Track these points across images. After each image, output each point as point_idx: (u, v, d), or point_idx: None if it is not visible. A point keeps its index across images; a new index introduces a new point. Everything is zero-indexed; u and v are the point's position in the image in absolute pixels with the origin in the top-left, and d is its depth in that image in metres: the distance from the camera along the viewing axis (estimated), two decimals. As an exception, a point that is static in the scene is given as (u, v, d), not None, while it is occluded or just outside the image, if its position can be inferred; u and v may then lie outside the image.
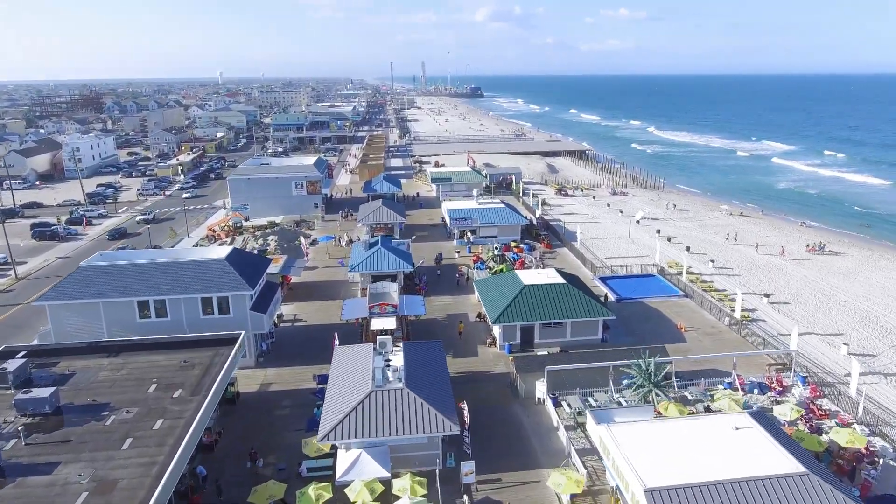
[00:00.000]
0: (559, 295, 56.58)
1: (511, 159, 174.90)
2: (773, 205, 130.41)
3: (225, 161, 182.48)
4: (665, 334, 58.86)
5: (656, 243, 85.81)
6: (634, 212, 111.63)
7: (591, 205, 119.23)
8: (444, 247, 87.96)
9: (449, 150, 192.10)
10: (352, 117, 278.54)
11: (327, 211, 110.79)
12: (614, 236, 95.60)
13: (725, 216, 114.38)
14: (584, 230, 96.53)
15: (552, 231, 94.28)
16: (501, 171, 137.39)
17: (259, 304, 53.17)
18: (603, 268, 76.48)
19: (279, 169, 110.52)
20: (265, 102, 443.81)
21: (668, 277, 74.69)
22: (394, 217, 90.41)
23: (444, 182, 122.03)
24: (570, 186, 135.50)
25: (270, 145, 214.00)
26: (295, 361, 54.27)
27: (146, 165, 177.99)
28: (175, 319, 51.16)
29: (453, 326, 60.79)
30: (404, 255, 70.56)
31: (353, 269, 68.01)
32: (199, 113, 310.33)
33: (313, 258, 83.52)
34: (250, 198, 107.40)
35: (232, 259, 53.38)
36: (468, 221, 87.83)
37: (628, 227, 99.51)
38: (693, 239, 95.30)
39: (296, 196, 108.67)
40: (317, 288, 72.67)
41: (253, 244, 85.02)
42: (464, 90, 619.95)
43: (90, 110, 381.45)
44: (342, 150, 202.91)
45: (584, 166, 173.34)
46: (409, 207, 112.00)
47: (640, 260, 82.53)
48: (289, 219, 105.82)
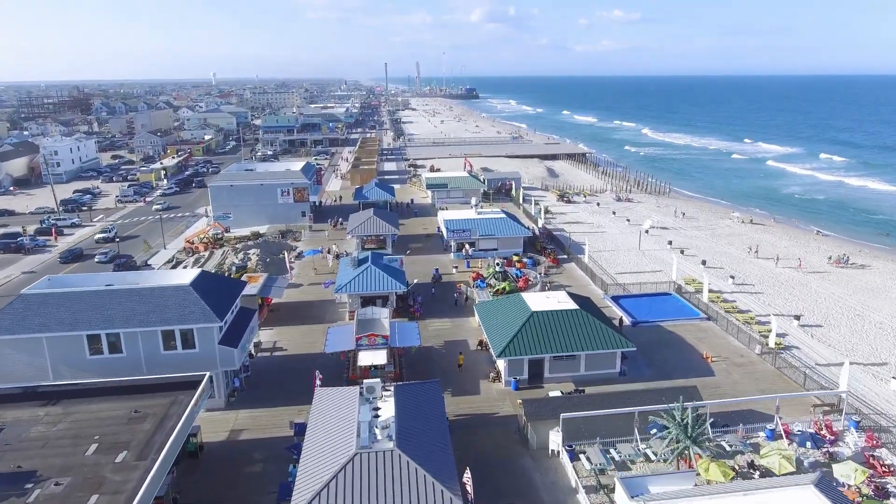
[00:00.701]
0: (572, 323, 50.01)
1: (509, 163, 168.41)
2: (782, 211, 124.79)
3: (211, 165, 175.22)
4: (690, 365, 52.36)
5: (672, 258, 79.43)
6: (642, 220, 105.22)
7: (596, 212, 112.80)
8: (440, 260, 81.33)
9: (444, 153, 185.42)
10: (344, 119, 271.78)
11: (316, 219, 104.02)
12: (623, 248, 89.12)
13: (737, 224, 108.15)
14: (590, 242, 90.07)
15: (556, 243, 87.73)
16: (500, 176, 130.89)
17: (230, 337, 46.37)
18: (615, 286, 69.92)
19: (264, 175, 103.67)
20: (257, 104, 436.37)
21: (685, 296, 68.25)
22: (386, 228, 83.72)
23: (440, 188, 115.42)
24: (572, 192, 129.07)
25: (260, 148, 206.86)
26: (272, 401, 47.50)
27: (129, 169, 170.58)
28: (131, 356, 44.34)
29: (452, 356, 54.15)
30: (397, 274, 63.88)
31: (341, 291, 61.29)
32: (188, 114, 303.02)
33: (298, 274, 76.71)
34: (233, 206, 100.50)
35: (198, 285, 46.56)
36: (466, 233, 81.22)
37: (638, 237, 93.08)
38: (707, 250, 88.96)
39: (282, 204, 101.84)
40: (301, 309, 65.86)
41: (233, 259, 78.15)
42: (459, 91, 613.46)
43: (77, 112, 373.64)
44: (334, 153, 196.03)
45: (584, 170, 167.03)
46: (403, 216, 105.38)
47: (653, 276, 76.03)
48: (274, 228, 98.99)
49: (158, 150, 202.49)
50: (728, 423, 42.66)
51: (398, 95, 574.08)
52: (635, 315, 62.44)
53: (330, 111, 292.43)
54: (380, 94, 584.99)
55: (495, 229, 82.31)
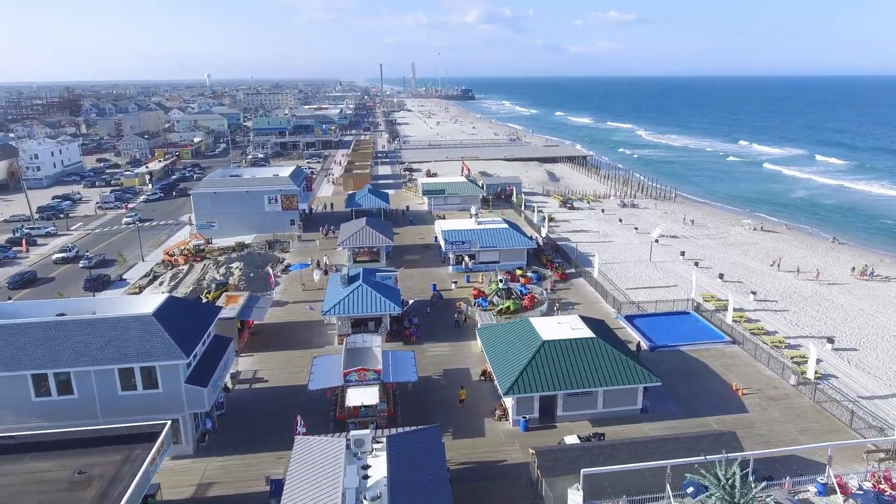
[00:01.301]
0: (588, 353, 44.33)
1: (508, 166, 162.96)
2: (791, 217, 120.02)
3: (199, 169, 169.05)
4: (719, 400, 46.73)
5: (685, 270, 74.06)
6: (651, 228, 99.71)
7: (601, 219, 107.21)
8: (438, 274, 75.59)
9: (441, 156, 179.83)
10: (338, 121, 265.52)
11: (306, 228, 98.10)
12: (633, 259, 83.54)
13: (749, 232, 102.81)
14: (598, 253, 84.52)
15: (562, 255, 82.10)
16: (500, 181, 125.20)
17: (200, 373, 40.50)
18: (628, 304, 64.26)
19: (250, 181, 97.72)
20: (250, 105, 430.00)
21: (704, 315, 62.69)
22: (380, 239, 77.91)
23: (437, 195, 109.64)
24: (575, 198, 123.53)
25: (251, 151, 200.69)
26: (248, 445, 41.65)
27: (114, 174, 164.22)
28: (84, 398, 38.46)
29: (452, 388, 48.43)
30: (391, 293, 58.12)
31: (328, 313, 55.48)
32: (178, 116, 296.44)
33: (284, 290, 70.84)
34: (217, 214, 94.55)
35: (163, 314, 40.66)
36: (466, 245, 75.49)
37: (648, 248, 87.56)
38: (722, 262, 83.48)
39: (269, 212, 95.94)
40: (285, 332, 59.97)
41: (213, 274, 72.19)
42: (454, 92, 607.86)
43: (66, 113, 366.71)
44: (327, 156, 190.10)
45: (586, 174, 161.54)
46: (398, 224, 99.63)
47: (668, 292, 70.49)
48: (261, 238, 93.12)
49: (145, 153, 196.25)
50: (771, 473, 37.04)
51: (393, 96, 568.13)
52: (653, 338, 56.90)
53: (323, 113, 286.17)
54: (375, 95, 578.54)
55: (497, 240, 76.61)
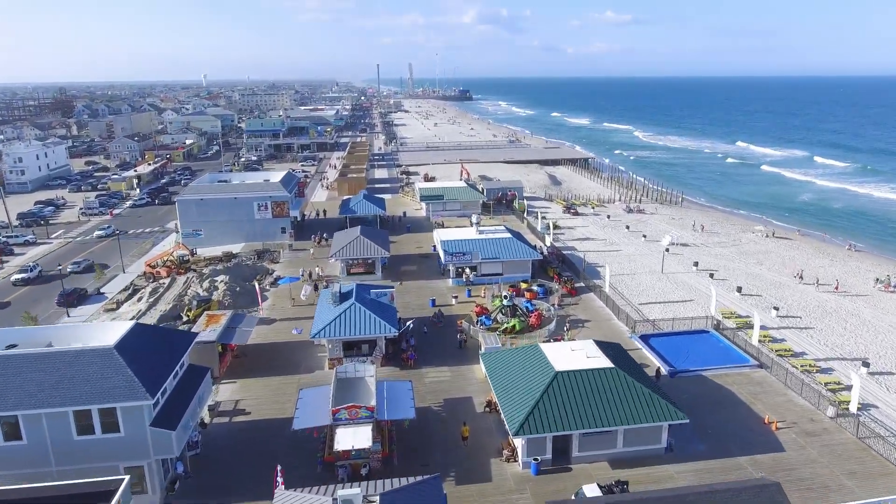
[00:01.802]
0: (607, 387, 39.65)
1: (508, 169, 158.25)
2: (800, 221, 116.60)
3: (188, 173, 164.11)
4: (751, 436, 42.06)
5: (704, 284, 69.45)
6: (660, 236, 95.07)
7: (607, 226, 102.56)
8: (437, 288, 70.89)
9: (439, 159, 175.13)
10: (334, 122, 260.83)
11: (298, 236, 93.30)
12: (644, 270, 78.90)
13: (761, 239, 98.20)
14: (606, 263, 79.96)
15: (569, 266, 77.40)
16: (500, 185, 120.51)
17: (169, 413, 35.71)
18: (644, 322, 59.58)
19: (239, 187, 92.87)
20: (245, 106, 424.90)
21: (724, 333, 58.07)
22: (375, 250, 73.15)
23: (436, 200, 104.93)
24: (578, 202, 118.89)
25: (244, 153, 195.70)
26: (224, 493, 36.87)
27: (103, 177, 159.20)
28: (35, 444, 33.71)
29: (453, 421, 43.73)
30: (386, 313, 53.38)
31: (318, 336, 50.71)
32: (171, 117, 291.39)
33: (272, 306, 66.03)
34: (204, 222, 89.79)
35: (127, 346, 35.88)
36: (466, 257, 70.77)
37: (659, 257, 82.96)
38: (737, 273, 78.91)
39: (259, 219, 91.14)
40: (272, 353, 55.19)
41: (197, 288, 67.36)
42: (452, 93, 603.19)
43: (58, 114, 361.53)
44: (322, 158, 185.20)
45: (588, 177, 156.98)
46: (395, 231, 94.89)
47: (683, 308, 65.83)
48: (250, 247, 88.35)
49: (136, 156, 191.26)
50: (820, 529, 32.44)
51: (390, 97, 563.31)
52: (672, 361, 52.25)
53: (319, 114, 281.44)
54: (372, 96, 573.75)
55: (500, 251, 71.90)
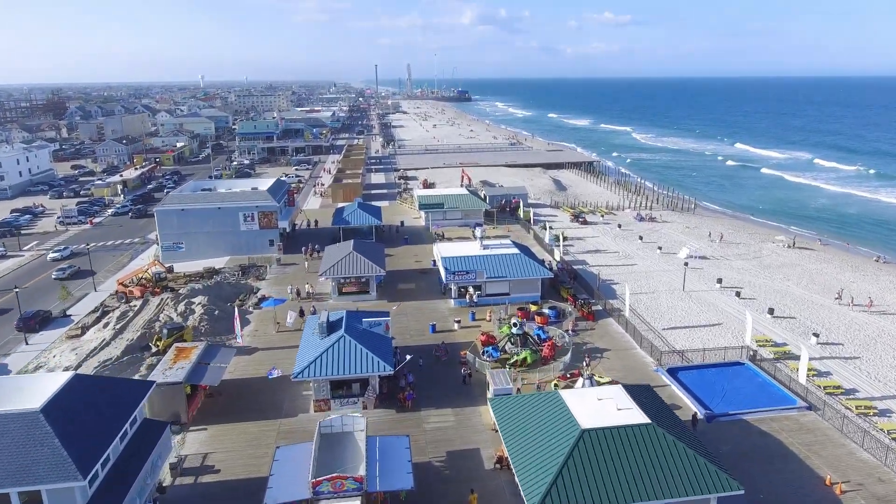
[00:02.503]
0: (645, 449, 33.03)
1: (510, 174, 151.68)
2: (821, 229, 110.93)
3: (177, 177, 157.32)
4: (811, 501, 35.49)
5: (730, 303, 62.88)
6: (676, 247, 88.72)
7: (619, 236, 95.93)
8: (437, 310, 64.30)
9: (438, 162, 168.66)
10: (330, 124, 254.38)
11: (287, 249, 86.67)
12: (663, 288, 72.27)
13: (783, 250, 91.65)
14: (621, 279, 73.62)
15: (581, 284, 70.78)
16: (504, 191, 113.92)
17: (111, 489, 29.07)
18: (671, 353, 52.95)
19: (223, 196, 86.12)
20: (241, 107, 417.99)
21: (761, 365, 51.53)
22: (369, 267, 66.52)
23: (435, 209, 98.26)
24: (586, 210, 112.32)
25: (236, 157, 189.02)
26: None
27: (88, 182, 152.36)
28: (-62, 534, 27.06)
29: (458, 484, 37.11)
30: (380, 346, 46.74)
31: (301, 376, 44.05)
32: (164, 119, 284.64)
33: (254, 331, 59.37)
34: (185, 234, 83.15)
35: (59, 407, 29.26)
36: (470, 276, 64.13)
37: (677, 272, 76.44)
38: (763, 290, 72.36)
39: (245, 231, 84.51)
40: (250, 391, 48.53)
41: (171, 312, 60.66)
42: (451, 94, 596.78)
43: (50, 116, 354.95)
44: (317, 162, 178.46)
45: (594, 181, 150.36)
46: (391, 242, 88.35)
47: (712, 333, 59.29)
48: (235, 261, 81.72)
49: (124, 160, 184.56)
50: None
51: (388, 98, 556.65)
52: (707, 401, 45.68)
53: (315, 115, 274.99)
54: (370, 97, 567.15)
55: (507, 269, 65.29)
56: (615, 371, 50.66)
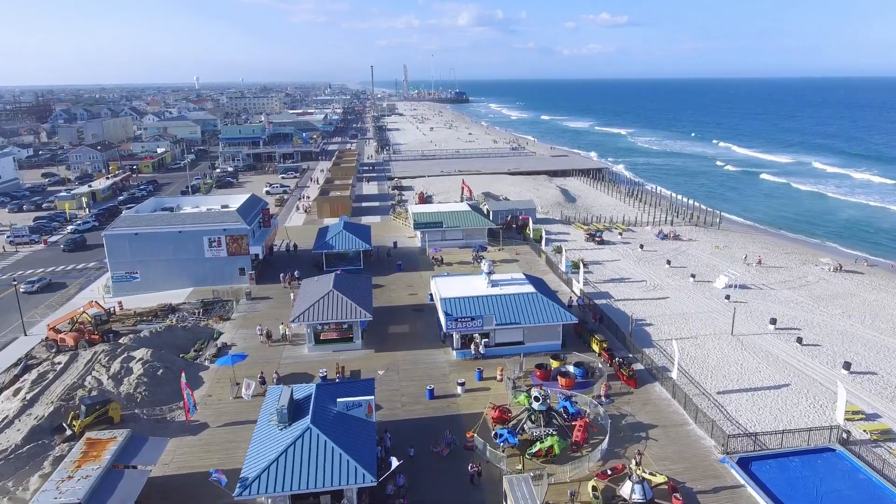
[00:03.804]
0: None
1: (514, 182, 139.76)
2: (858, 246, 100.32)
3: (153, 187, 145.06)
4: None
5: (793, 355, 50.90)
6: (711, 274, 76.87)
7: (642, 260, 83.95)
8: (435, 364, 52.28)
9: (436, 169, 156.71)
10: (322, 127, 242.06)
11: (262, 277, 74.58)
12: (707, 331, 60.23)
13: (829, 274, 79.94)
14: (654, 319, 61.68)
15: (610, 328, 58.63)
16: (510, 206, 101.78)
17: None
18: (739, 437, 40.89)
19: (185, 217, 73.87)
20: (233, 109, 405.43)
21: (855, 450, 39.65)
22: (352, 310, 54.46)
23: (433, 228, 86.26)
24: (602, 226, 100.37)
25: (219, 164, 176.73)
26: None
27: (54, 193, 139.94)
28: None
29: None
30: (359, 441, 34.66)
31: (248, 494, 31.88)
32: (150, 122, 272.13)
33: (206, 398, 47.22)
34: (140, 262, 71.01)
35: None
36: (476, 323, 52.13)
37: (719, 308, 64.60)
38: (826, 331, 60.48)
39: (211, 259, 72.40)
40: (189, 493, 36.47)
41: (99, 373, 48.46)
42: (448, 95, 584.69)
43: (33, 119, 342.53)
44: (305, 169, 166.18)
45: (605, 191, 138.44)
46: (381, 270, 76.44)
47: (781, 399, 47.28)
48: (200, 293, 69.68)
49: (99, 167, 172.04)
50: None
51: (384, 100, 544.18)
52: (800, 515, 33.75)
53: (306, 118, 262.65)
54: (365, 99, 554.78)
55: (520, 313, 53.26)
56: (669, 462, 38.74)
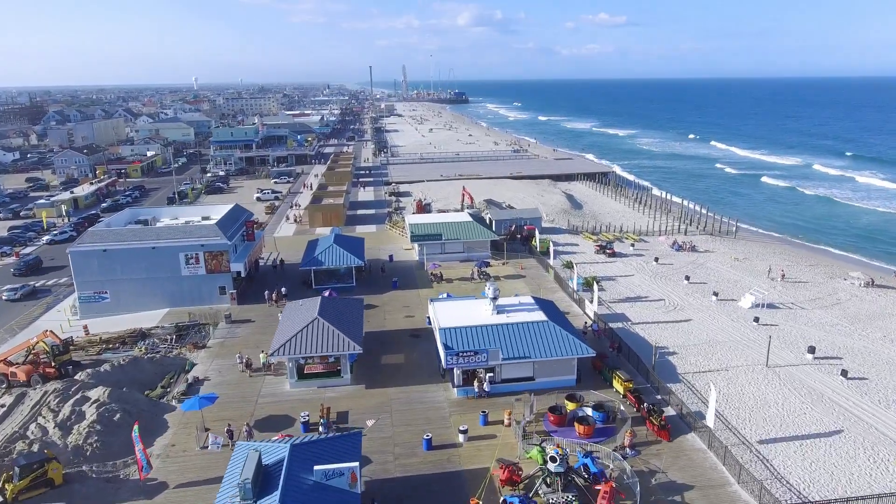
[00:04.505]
0: None
1: (516, 187, 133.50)
2: (880, 257, 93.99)
3: (139, 193, 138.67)
4: None
5: (841, 392, 44.52)
6: (734, 290, 70.54)
7: (659, 275, 77.51)
8: (434, 404, 45.91)
9: (435, 174, 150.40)
10: (318, 129, 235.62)
11: (246, 296, 68.21)
12: (740, 362, 53.64)
13: (861, 290, 73.57)
14: (677, 347, 55.34)
15: (630, 359, 52.17)
16: (514, 215, 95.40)
17: None
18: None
19: (160, 232, 67.36)
20: (229, 110, 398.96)
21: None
22: (339, 342, 48.06)
23: (431, 240, 79.87)
24: (611, 236, 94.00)
25: (210, 168, 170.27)
26: None
27: (37, 198, 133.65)
28: None
29: None
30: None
31: None
32: (140, 124, 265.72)
33: (169, 448, 40.84)
34: (110, 281, 64.65)
35: None
36: (480, 357, 45.73)
37: (748, 332, 58.26)
38: (869, 359, 54.03)
39: (188, 277, 66.00)
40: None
41: (46, 420, 42.02)
42: (448, 95, 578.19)
43: (25, 121, 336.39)
44: (299, 173, 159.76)
45: (612, 196, 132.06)
46: (376, 287, 70.14)
47: (833, 450, 40.83)
48: (176, 316, 63.34)
49: (85, 171, 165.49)
50: None
51: (383, 100, 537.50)
52: None
53: (302, 120, 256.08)
54: (364, 100, 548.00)
55: (530, 345, 46.85)
56: (712, 536, 32.36)
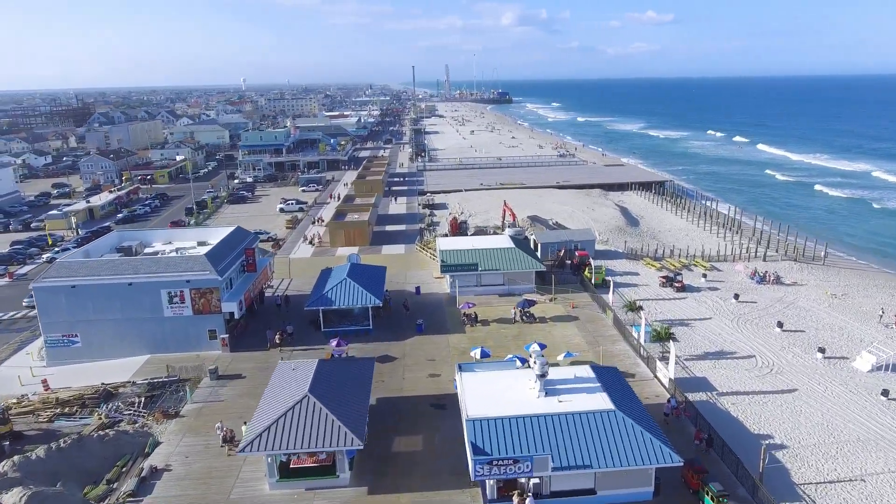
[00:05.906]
0: None
1: (563, 199, 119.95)
2: None
3: (159, 202, 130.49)
4: None
5: None
6: (841, 343, 55.99)
7: (742, 318, 63.09)
8: (457, 525, 33.62)
9: (475, 182, 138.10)
10: (354, 132, 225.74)
11: (242, 339, 57.25)
12: (878, 467, 39.59)
13: None
14: (797, 444, 41.69)
15: (727, 461, 38.59)
16: (563, 237, 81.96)
17: None
18: None
19: (139, 265, 56.61)
20: (270, 111, 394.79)
21: None
22: (335, 432, 36.11)
23: (465, 271, 67.43)
24: (678, 264, 79.78)
25: (239, 174, 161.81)
26: None
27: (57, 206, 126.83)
28: None
29: None
30: None
31: None
32: (177, 127, 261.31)
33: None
34: (82, 322, 54.51)
35: None
36: (521, 466, 33.02)
37: (872, 410, 44.04)
38: None
39: (172, 318, 55.32)
40: None
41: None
42: (491, 95, 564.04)
43: (70, 123, 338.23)
44: (330, 180, 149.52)
45: (671, 210, 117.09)
46: (398, 329, 58.14)
47: None
48: (157, 364, 52.76)
49: (111, 177, 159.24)
50: None
51: (424, 100, 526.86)
52: None
53: (339, 122, 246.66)
54: (406, 100, 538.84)
55: (593, 447, 33.90)
56: None
